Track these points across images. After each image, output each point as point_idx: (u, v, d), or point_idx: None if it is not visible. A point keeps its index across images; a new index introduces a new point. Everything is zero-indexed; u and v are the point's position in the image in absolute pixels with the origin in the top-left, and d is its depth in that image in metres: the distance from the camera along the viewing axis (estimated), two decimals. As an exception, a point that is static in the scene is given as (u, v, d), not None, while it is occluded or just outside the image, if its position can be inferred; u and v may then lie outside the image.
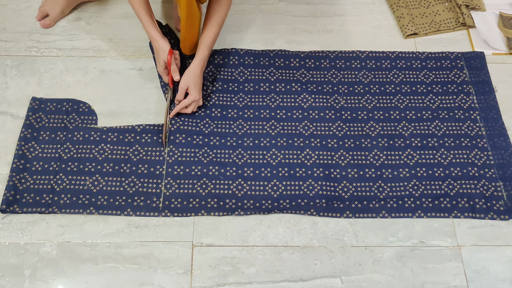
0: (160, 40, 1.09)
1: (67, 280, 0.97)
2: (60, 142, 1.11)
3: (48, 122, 1.13)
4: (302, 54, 1.27)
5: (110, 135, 1.12)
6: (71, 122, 1.14)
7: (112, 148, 1.10)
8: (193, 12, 1.06)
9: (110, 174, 1.07)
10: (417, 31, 1.32)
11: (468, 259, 1.01)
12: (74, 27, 1.31)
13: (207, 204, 1.05)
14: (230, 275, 0.98)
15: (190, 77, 1.11)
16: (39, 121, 1.13)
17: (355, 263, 1.00)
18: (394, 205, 1.06)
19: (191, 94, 1.12)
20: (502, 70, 1.27)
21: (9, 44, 1.27)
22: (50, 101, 1.17)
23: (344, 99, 1.20)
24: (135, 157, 1.09)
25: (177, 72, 1.12)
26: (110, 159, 1.09)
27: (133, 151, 1.10)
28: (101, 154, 1.09)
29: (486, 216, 1.05)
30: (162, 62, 1.12)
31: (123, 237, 1.01)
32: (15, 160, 1.07)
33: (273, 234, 1.03)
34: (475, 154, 1.13)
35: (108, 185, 1.06)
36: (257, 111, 1.18)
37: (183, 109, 1.13)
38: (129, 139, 1.11)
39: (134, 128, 1.13)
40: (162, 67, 1.13)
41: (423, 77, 1.24)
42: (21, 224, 1.02)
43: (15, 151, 1.08)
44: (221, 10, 1.13)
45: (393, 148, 1.13)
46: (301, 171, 1.09)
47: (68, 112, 1.15)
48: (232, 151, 1.12)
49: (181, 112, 1.14)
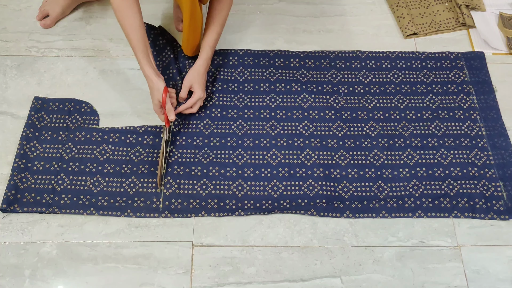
0: (155, 79, 1.05)
1: (67, 280, 0.97)
2: (62, 142, 1.11)
3: (50, 122, 1.13)
4: (302, 54, 1.27)
5: (112, 135, 1.12)
6: (73, 122, 1.14)
7: (114, 149, 1.10)
8: (196, 14, 1.06)
9: (111, 175, 1.07)
10: (417, 31, 1.32)
11: (468, 259, 1.01)
12: (74, 27, 1.31)
13: (207, 205, 1.05)
14: (230, 275, 0.98)
15: (195, 76, 1.11)
16: (41, 120, 1.13)
17: (355, 263, 1.00)
18: (394, 205, 1.06)
19: (195, 93, 1.12)
20: (502, 70, 1.27)
21: (9, 44, 1.27)
22: (52, 101, 1.17)
23: (344, 99, 1.20)
24: (136, 158, 1.09)
25: (172, 112, 1.06)
26: (111, 159, 1.09)
27: (134, 152, 1.10)
28: (102, 155, 1.09)
29: (486, 216, 1.05)
30: (156, 101, 1.07)
31: (123, 237, 1.01)
32: (16, 160, 1.07)
33: (273, 234, 1.03)
34: (475, 154, 1.13)
35: (109, 185, 1.06)
36: (257, 111, 1.18)
37: (188, 109, 1.13)
38: (130, 140, 1.11)
39: (135, 129, 1.13)
40: (157, 106, 1.08)
41: (423, 77, 1.24)
42: (21, 224, 1.02)
43: (17, 150, 1.09)
44: (222, 10, 1.13)
45: (393, 148, 1.13)
46: (301, 171, 1.09)
47: (70, 112, 1.15)
48: (232, 151, 1.12)
49: (186, 112, 1.13)
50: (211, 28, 1.13)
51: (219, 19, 1.13)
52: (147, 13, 1.24)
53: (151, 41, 1.22)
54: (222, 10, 1.13)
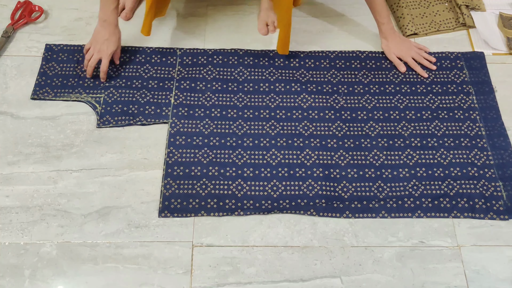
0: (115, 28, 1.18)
1: (67, 280, 0.97)
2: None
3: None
4: (302, 54, 1.27)
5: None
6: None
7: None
8: (290, 14, 1.14)
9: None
10: (417, 31, 1.32)
11: (468, 259, 1.01)
12: (74, 27, 1.31)
13: (207, 205, 1.05)
14: (230, 275, 0.98)
15: (399, 42, 1.26)
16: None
17: (355, 263, 1.00)
18: (394, 205, 1.06)
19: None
20: (502, 70, 1.27)
21: (9, 44, 1.27)
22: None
23: (344, 99, 1.20)
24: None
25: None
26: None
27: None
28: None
29: (486, 216, 1.05)
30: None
31: (123, 237, 1.01)
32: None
33: (273, 234, 1.03)
34: (474, 154, 1.13)
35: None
36: (256, 111, 1.18)
37: None
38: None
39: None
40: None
41: (422, 77, 1.24)
42: (21, 224, 1.02)
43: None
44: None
45: (392, 148, 1.13)
46: (301, 171, 1.09)
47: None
48: (231, 151, 1.12)
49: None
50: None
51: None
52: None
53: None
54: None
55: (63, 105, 1.18)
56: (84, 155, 1.11)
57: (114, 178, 1.08)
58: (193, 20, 1.34)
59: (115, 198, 1.06)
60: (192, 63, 1.25)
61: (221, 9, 1.36)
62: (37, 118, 1.16)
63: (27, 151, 1.11)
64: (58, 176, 1.08)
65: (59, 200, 1.05)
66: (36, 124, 1.15)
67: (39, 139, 1.13)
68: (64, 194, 1.06)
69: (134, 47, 1.27)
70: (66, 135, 1.14)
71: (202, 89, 1.20)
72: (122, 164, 1.10)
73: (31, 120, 1.15)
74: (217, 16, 1.35)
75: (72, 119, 1.16)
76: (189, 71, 1.23)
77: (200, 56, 1.26)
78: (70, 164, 1.10)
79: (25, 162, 1.10)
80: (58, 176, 1.08)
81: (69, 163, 1.10)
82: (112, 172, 1.09)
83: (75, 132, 1.14)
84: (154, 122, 1.15)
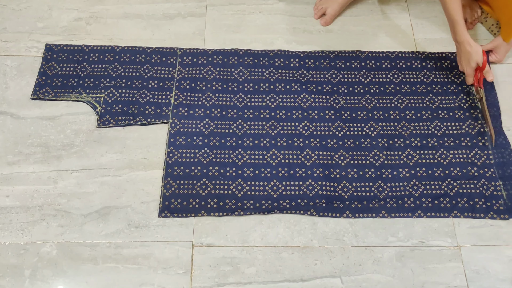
0: (473, 43, 1.16)
1: (67, 280, 0.97)
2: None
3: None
4: (302, 54, 1.27)
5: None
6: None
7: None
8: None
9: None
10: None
11: (468, 259, 1.01)
12: (74, 27, 1.31)
13: (207, 205, 1.05)
14: (230, 275, 0.98)
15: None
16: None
17: (355, 263, 1.00)
18: (394, 205, 1.06)
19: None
20: (502, 70, 1.27)
21: (9, 44, 1.27)
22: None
23: (344, 99, 1.20)
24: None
25: (491, 73, 1.20)
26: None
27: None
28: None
29: (486, 216, 1.05)
30: (474, 64, 1.17)
31: (123, 237, 1.01)
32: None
33: (273, 234, 1.03)
34: (475, 153, 1.13)
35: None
36: (256, 111, 1.18)
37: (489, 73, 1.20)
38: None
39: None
40: (473, 69, 1.18)
41: (423, 77, 1.24)
42: (21, 224, 1.02)
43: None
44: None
45: (392, 148, 1.13)
46: (301, 171, 1.09)
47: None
48: (232, 151, 1.12)
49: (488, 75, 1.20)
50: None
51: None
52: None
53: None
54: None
55: (63, 105, 1.18)
56: (84, 155, 1.11)
57: (114, 178, 1.08)
58: (193, 20, 1.34)
59: (115, 198, 1.06)
60: (192, 63, 1.25)
61: (221, 9, 1.36)
62: (37, 118, 1.16)
63: (27, 151, 1.11)
64: (58, 176, 1.08)
65: (59, 200, 1.05)
66: (36, 124, 1.15)
67: (39, 139, 1.13)
68: (64, 194, 1.06)
69: (134, 47, 1.27)
70: (66, 135, 1.14)
71: (202, 89, 1.20)
72: (122, 164, 1.10)
73: (31, 120, 1.16)
74: (217, 16, 1.35)
75: (72, 119, 1.16)
76: (189, 71, 1.23)
77: (200, 56, 1.26)
78: (70, 164, 1.10)
79: (25, 162, 1.10)
80: (58, 176, 1.08)
81: (69, 163, 1.10)
82: (112, 172, 1.09)
83: (75, 132, 1.14)
84: (154, 122, 1.15)
